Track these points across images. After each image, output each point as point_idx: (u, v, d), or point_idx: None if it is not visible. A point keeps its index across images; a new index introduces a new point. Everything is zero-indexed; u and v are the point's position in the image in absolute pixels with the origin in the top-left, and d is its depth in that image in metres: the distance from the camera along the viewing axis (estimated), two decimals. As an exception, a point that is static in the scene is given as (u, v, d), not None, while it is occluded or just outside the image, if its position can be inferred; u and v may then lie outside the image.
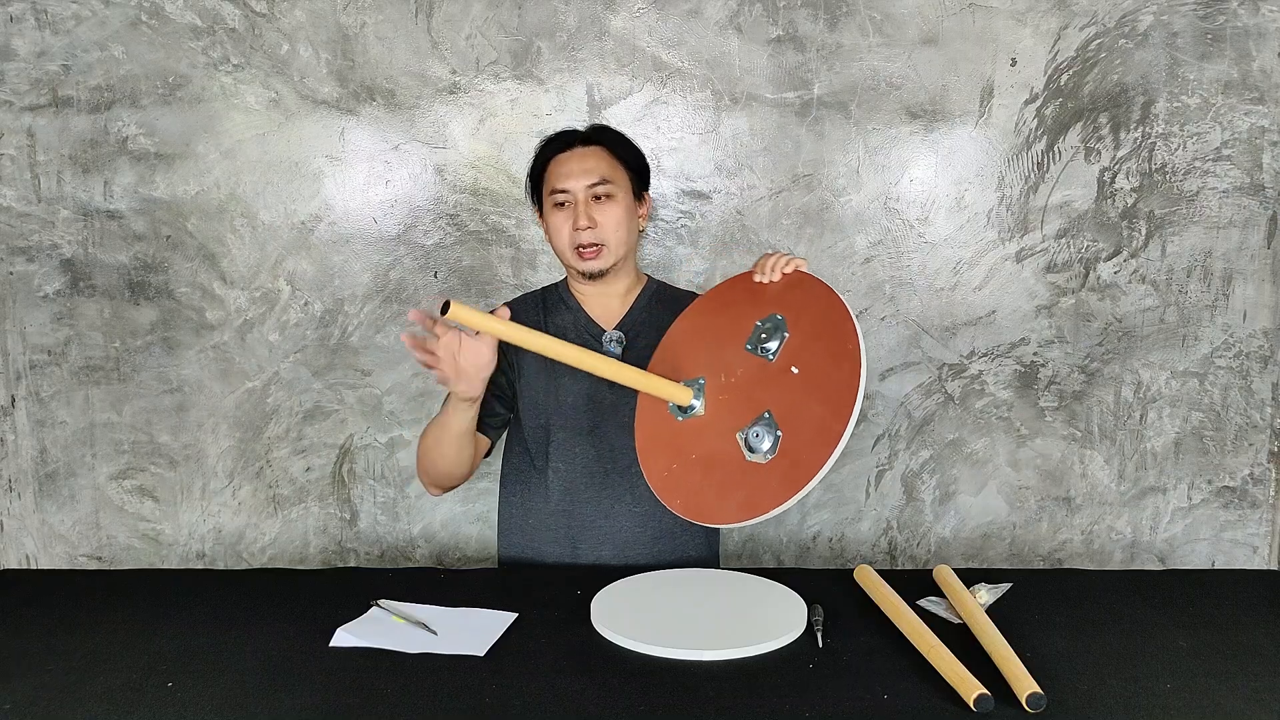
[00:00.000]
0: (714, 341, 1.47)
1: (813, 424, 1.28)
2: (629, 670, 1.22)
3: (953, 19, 2.18)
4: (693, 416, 1.43)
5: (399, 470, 2.34)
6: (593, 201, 1.64)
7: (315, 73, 2.20)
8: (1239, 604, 1.42)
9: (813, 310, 1.38)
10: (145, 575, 1.75)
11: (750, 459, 1.32)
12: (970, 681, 1.13)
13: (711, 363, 1.45)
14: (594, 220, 1.63)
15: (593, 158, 1.67)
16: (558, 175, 1.66)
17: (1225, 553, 2.36)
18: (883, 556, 2.38)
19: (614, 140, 1.71)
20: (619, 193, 1.66)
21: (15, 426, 2.33)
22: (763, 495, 1.28)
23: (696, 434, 1.41)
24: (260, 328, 2.29)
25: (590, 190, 1.64)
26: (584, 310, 1.71)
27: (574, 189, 1.64)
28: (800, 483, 1.25)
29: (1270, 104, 2.20)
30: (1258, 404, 2.31)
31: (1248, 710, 1.13)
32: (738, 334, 1.44)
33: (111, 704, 1.15)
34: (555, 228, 1.66)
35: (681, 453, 1.41)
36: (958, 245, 2.26)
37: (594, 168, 1.65)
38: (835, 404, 1.27)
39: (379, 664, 1.24)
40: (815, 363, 1.33)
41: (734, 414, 1.38)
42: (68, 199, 2.24)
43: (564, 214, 1.65)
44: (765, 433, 1.32)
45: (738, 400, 1.38)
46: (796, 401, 1.32)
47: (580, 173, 1.65)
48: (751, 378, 1.39)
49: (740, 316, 1.46)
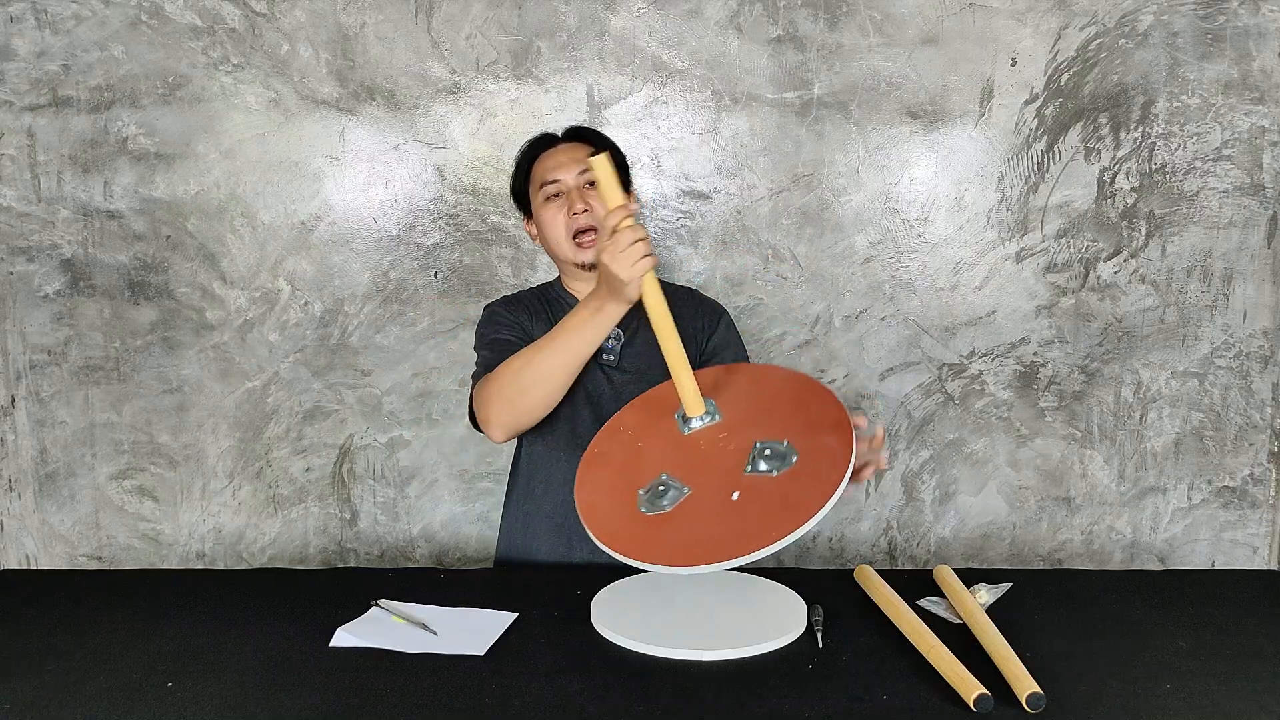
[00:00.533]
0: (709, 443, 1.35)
1: (818, 463, 1.20)
2: (629, 670, 1.22)
3: (953, 19, 2.18)
4: (692, 431, 1.35)
5: (399, 470, 2.34)
6: (586, 189, 1.65)
7: (315, 73, 2.20)
8: (1239, 604, 1.42)
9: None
10: (145, 575, 1.74)
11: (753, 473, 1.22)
12: (970, 681, 1.13)
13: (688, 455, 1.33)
14: (589, 204, 1.63)
15: (580, 150, 1.68)
16: (546, 169, 1.66)
17: (1225, 553, 2.36)
18: (883, 556, 2.38)
19: (594, 138, 1.72)
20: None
21: (15, 426, 2.33)
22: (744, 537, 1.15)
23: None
24: (260, 328, 2.29)
25: (582, 178, 1.65)
26: None
27: (566, 178, 1.64)
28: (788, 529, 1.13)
29: (1270, 104, 2.19)
30: (1258, 404, 2.31)
31: (1248, 710, 1.13)
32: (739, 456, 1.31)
33: (111, 704, 1.15)
34: (549, 221, 1.65)
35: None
36: (958, 245, 2.26)
37: (583, 158, 1.66)
38: (833, 457, 1.20)
39: (379, 664, 1.23)
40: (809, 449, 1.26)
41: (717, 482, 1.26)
42: (68, 199, 2.24)
43: (557, 205, 1.64)
44: (774, 454, 1.23)
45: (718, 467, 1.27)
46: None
47: (570, 163, 1.65)
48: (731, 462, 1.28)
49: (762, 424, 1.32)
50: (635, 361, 1.65)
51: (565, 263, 1.69)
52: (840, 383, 2.31)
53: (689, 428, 1.36)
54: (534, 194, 1.68)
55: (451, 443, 2.32)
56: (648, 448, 1.37)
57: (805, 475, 1.20)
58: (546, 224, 1.66)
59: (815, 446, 1.23)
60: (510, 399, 1.46)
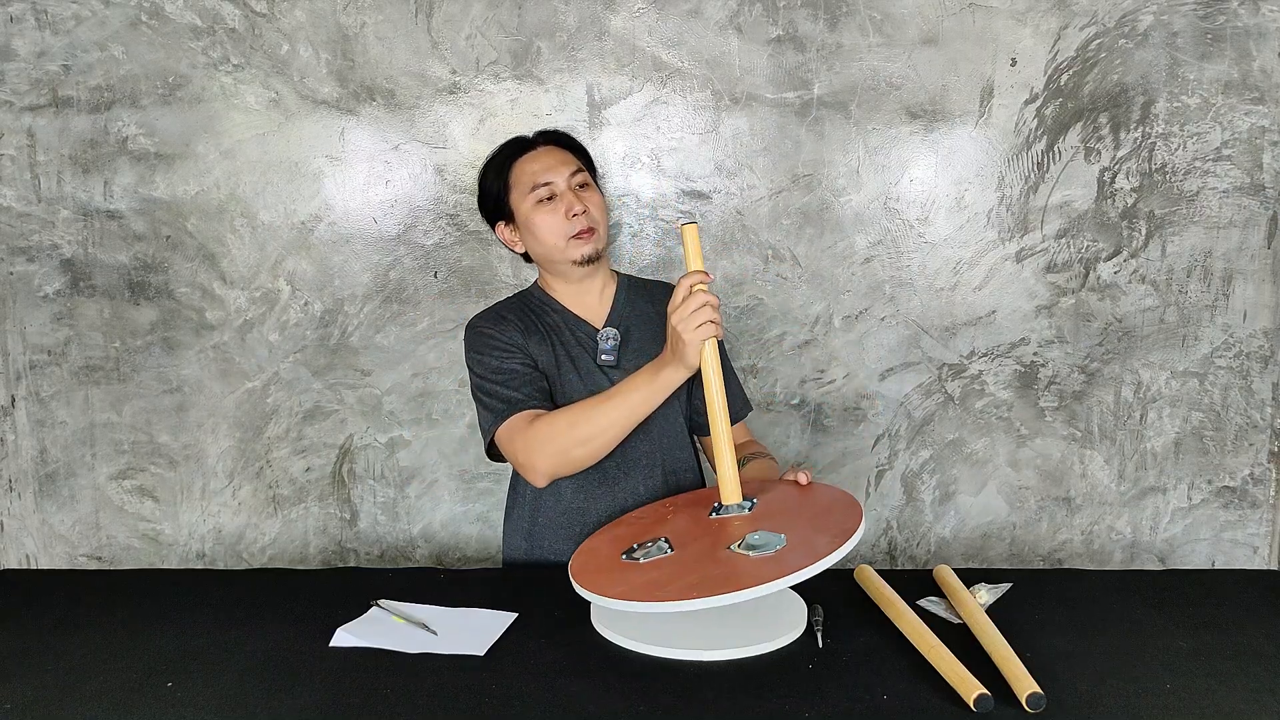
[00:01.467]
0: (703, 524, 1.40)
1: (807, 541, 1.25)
2: (629, 670, 1.22)
3: (953, 19, 2.18)
4: (723, 516, 1.38)
5: (399, 470, 2.34)
6: (579, 190, 1.65)
7: (315, 73, 2.20)
8: (1239, 604, 1.42)
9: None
10: (145, 575, 1.75)
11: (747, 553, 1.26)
12: (970, 681, 1.13)
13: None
14: (586, 206, 1.64)
15: (560, 152, 1.68)
16: (534, 172, 1.65)
17: (1225, 553, 2.36)
18: (883, 556, 2.38)
19: (565, 139, 1.73)
20: (591, 182, 1.69)
21: (15, 426, 2.33)
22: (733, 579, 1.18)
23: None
24: (260, 328, 2.29)
25: (573, 178, 1.65)
26: (569, 310, 1.71)
27: (558, 180, 1.64)
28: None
29: (1270, 104, 2.19)
30: (1258, 404, 2.31)
31: (1248, 710, 1.13)
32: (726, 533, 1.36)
33: (111, 704, 1.15)
34: (542, 224, 1.63)
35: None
36: (958, 245, 2.26)
37: (567, 159, 1.67)
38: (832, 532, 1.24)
39: (379, 664, 1.24)
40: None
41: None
42: (68, 199, 2.24)
43: (551, 207, 1.63)
44: (762, 542, 1.26)
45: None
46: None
47: (559, 165, 1.65)
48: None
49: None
50: (634, 360, 1.65)
51: (557, 263, 1.67)
52: (840, 383, 2.31)
53: (719, 513, 1.40)
54: (519, 198, 1.66)
55: (451, 443, 2.33)
56: (668, 520, 1.44)
57: (774, 560, 1.22)
58: (539, 227, 1.64)
59: (804, 540, 1.26)
60: (564, 450, 1.50)
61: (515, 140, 1.73)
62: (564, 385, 1.66)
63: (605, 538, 1.44)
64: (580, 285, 1.70)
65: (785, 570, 1.16)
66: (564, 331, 1.68)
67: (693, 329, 1.36)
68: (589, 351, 1.67)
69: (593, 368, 1.65)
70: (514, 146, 1.71)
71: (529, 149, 1.69)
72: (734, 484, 1.40)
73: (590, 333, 1.69)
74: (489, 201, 1.72)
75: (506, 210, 1.69)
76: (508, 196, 1.68)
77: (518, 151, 1.69)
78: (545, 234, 1.64)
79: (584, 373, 1.64)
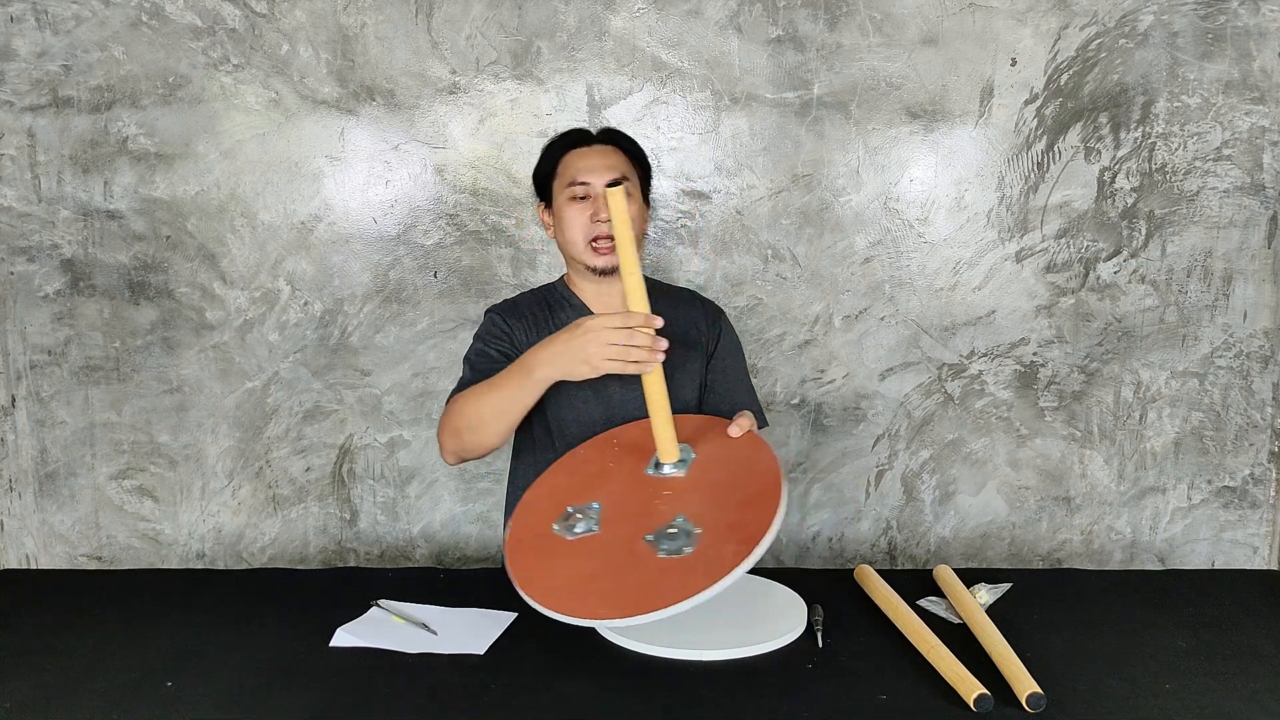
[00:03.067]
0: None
1: (730, 528, 1.25)
2: (629, 670, 1.22)
3: (953, 19, 2.18)
4: (658, 475, 1.40)
5: (399, 470, 2.34)
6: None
7: (315, 73, 2.20)
8: (1239, 604, 1.42)
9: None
10: (145, 575, 1.75)
11: (660, 556, 1.26)
12: (970, 681, 1.13)
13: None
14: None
15: (613, 155, 1.68)
16: (577, 168, 1.65)
17: (1225, 553, 2.36)
18: (883, 556, 2.38)
19: (627, 143, 1.72)
20: (634, 192, 1.67)
21: (15, 426, 2.33)
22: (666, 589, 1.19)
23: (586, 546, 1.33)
24: (260, 328, 2.29)
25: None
26: (587, 308, 1.71)
27: (595, 182, 1.64)
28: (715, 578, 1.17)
29: (1270, 104, 2.19)
30: (1258, 404, 2.31)
31: (1248, 710, 1.13)
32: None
33: (111, 704, 1.15)
34: (570, 220, 1.64)
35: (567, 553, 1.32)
36: (958, 245, 2.26)
37: (616, 164, 1.66)
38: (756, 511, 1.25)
39: (379, 664, 1.24)
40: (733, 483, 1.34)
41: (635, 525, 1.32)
42: (68, 199, 2.24)
43: (580, 206, 1.64)
44: (679, 533, 1.27)
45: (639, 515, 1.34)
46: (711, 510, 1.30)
47: (602, 168, 1.65)
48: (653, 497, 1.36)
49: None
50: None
51: (576, 261, 1.68)
52: (840, 383, 2.31)
53: (657, 471, 1.41)
54: (559, 188, 1.68)
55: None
56: (609, 473, 1.44)
57: (682, 567, 1.22)
58: (567, 222, 1.65)
59: (715, 542, 1.25)
60: (457, 431, 1.54)
61: (578, 131, 1.72)
62: (565, 384, 1.65)
63: (546, 488, 1.45)
64: (599, 286, 1.70)
65: (682, 595, 1.15)
66: None
67: (601, 357, 1.36)
68: None
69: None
70: (574, 137, 1.70)
71: (586, 143, 1.70)
72: (671, 444, 1.40)
73: None
74: (536, 181, 1.73)
75: (549, 194, 1.70)
76: (551, 182, 1.69)
77: (575, 143, 1.70)
78: (569, 230, 1.65)
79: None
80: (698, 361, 1.69)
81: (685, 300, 1.76)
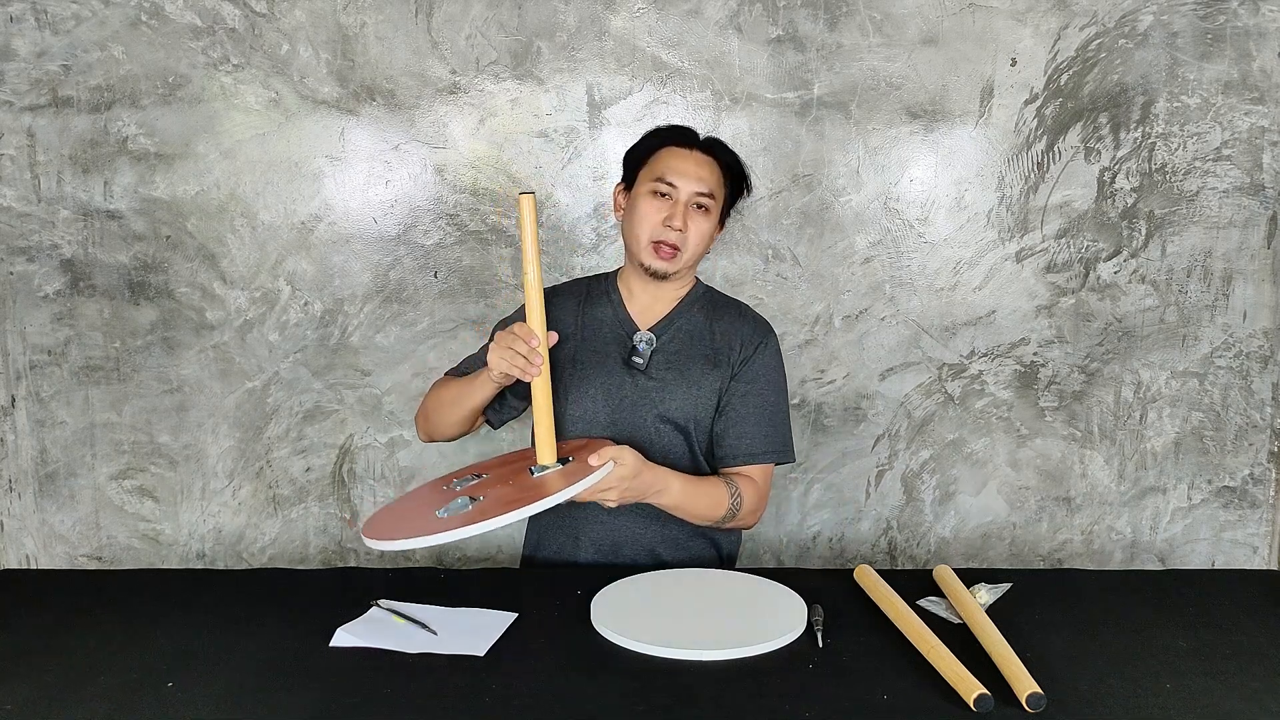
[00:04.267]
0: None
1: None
2: (629, 670, 1.22)
3: (953, 19, 2.18)
4: (539, 476, 1.47)
5: (399, 470, 2.34)
6: (692, 209, 1.63)
7: (315, 73, 2.20)
8: (1239, 604, 1.42)
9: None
10: (145, 575, 1.75)
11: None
12: (970, 681, 1.13)
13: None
14: (687, 227, 1.62)
15: (708, 167, 1.65)
16: (671, 167, 1.63)
17: (1225, 553, 2.36)
18: (883, 556, 2.38)
19: (729, 160, 1.69)
20: (714, 210, 1.66)
21: (15, 426, 2.33)
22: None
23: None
24: (260, 328, 2.29)
25: (695, 197, 1.62)
26: (625, 307, 1.71)
27: (682, 188, 1.62)
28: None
29: (1270, 104, 2.20)
30: (1258, 404, 2.31)
31: (1248, 710, 1.13)
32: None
33: (111, 704, 1.15)
34: (643, 213, 1.63)
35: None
36: (958, 245, 2.26)
37: (707, 178, 1.64)
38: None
39: (379, 664, 1.24)
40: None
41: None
42: (68, 199, 2.24)
43: (659, 204, 1.62)
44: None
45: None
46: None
47: (695, 177, 1.62)
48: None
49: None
50: (663, 367, 1.65)
51: (634, 254, 1.67)
52: (840, 383, 2.31)
53: (536, 472, 1.47)
54: (644, 176, 1.66)
55: (452, 443, 2.32)
56: (498, 476, 1.51)
57: (557, 477, 1.41)
58: (640, 214, 1.64)
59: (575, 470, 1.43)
60: (425, 414, 1.73)
61: (684, 131, 1.69)
62: (580, 376, 1.66)
63: (440, 479, 1.57)
64: (648, 288, 1.70)
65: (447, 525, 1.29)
66: (604, 328, 1.69)
67: (494, 363, 1.48)
68: (622, 349, 1.67)
69: (616, 366, 1.65)
70: (679, 135, 1.68)
71: (688, 145, 1.66)
72: (547, 448, 1.47)
73: (630, 333, 1.68)
74: (628, 162, 1.71)
75: (633, 179, 1.68)
76: (640, 169, 1.67)
77: (678, 141, 1.67)
78: (639, 223, 1.64)
79: (608, 370, 1.65)
80: (715, 379, 1.66)
81: (730, 315, 1.72)
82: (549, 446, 1.47)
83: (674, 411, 1.64)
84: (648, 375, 1.65)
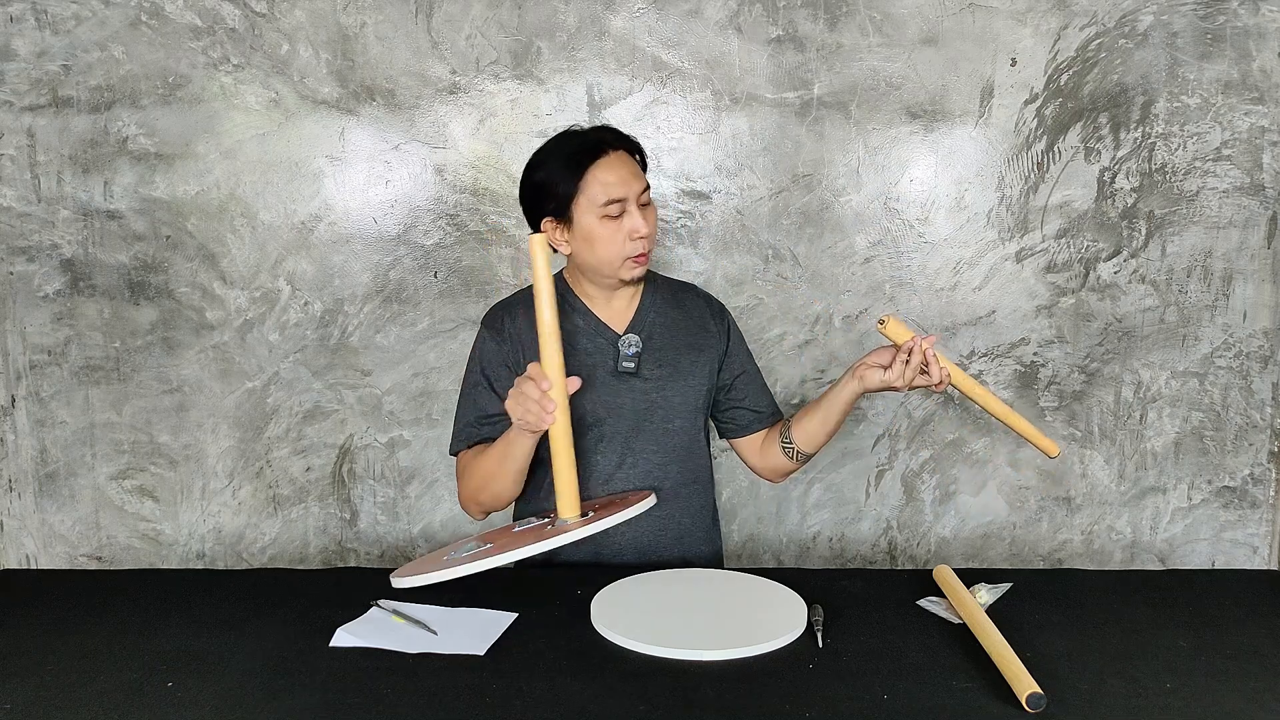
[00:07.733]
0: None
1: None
2: (629, 670, 1.22)
3: (953, 19, 2.18)
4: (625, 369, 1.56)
5: (399, 470, 2.34)
6: (641, 206, 1.56)
7: (315, 73, 2.20)
8: (1239, 604, 1.42)
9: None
10: (145, 575, 1.74)
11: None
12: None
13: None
14: (651, 228, 1.57)
15: (629, 162, 1.58)
16: (608, 184, 1.53)
17: (1225, 553, 2.36)
18: (883, 556, 2.38)
19: (633, 146, 1.62)
20: (648, 190, 1.60)
21: (15, 426, 2.33)
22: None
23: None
24: (260, 328, 2.29)
25: (640, 195, 1.56)
26: (593, 313, 1.66)
27: (629, 196, 1.54)
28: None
29: (1270, 104, 2.20)
30: (1258, 404, 2.31)
31: (1248, 710, 1.13)
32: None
33: (111, 704, 1.15)
34: (606, 239, 1.54)
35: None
36: (958, 245, 2.26)
37: (636, 170, 1.57)
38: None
39: (379, 664, 1.23)
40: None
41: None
42: (68, 199, 2.24)
43: (617, 224, 1.54)
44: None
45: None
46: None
47: (630, 176, 1.55)
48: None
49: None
50: (655, 366, 1.63)
51: (605, 277, 1.60)
52: (840, 383, 2.31)
53: (558, 524, 1.45)
54: (586, 206, 1.54)
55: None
56: (523, 534, 1.50)
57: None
58: (601, 241, 1.54)
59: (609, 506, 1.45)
60: (473, 494, 1.63)
61: (586, 140, 1.56)
62: (572, 396, 1.63)
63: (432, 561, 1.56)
64: (607, 293, 1.64)
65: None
66: (584, 338, 1.63)
67: (518, 415, 1.43)
68: (609, 358, 1.62)
69: (608, 376, 1.62)
70: (587, 149, 1.55)
71: (602, 153, 1.55)
72: (570, 498, 1.45)
73: (612, 339, 1.63)
74: (551, 201, 1.56)
75: (567, 214, 1.55)
76: (573, 200, 1.54)
77: (592, 155, 1.54)
78: (604, 249, 1.55)
79: (598, 381, 1.60)
80: (704, 363, 1.66)
81: (689, 296, 1.71)
82: (571, 499, 1.42)
83: (676, 406, 1.63)
84: (640, 378, 1.63)
